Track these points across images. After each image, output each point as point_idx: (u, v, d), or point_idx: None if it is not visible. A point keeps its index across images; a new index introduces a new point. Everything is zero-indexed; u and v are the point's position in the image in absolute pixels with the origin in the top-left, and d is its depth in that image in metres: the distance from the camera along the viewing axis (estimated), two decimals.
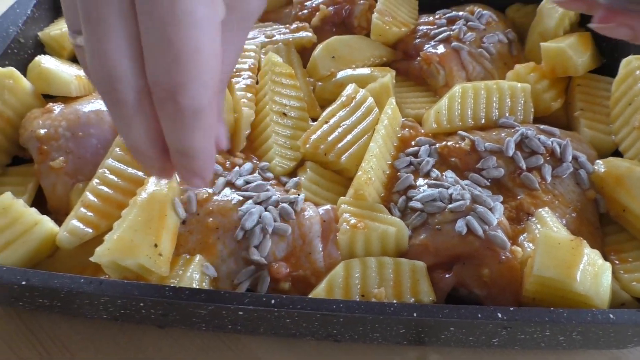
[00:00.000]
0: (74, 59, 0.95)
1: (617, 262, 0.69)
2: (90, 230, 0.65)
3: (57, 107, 0.77)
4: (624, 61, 0.82)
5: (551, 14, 0.95)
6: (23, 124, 0.77)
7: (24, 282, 0.55)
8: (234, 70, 0.86)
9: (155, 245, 0.61)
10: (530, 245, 0.66)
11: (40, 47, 0.93)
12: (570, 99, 0.89)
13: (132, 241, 0.60)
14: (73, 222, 0.65)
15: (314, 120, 0.85)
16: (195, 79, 0.41)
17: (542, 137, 0.77)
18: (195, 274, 0.63)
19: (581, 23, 0.97)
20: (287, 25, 0.97)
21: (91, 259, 0.59)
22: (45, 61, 0.83)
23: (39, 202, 0.75)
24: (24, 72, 0.86)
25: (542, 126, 0.80)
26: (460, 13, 0.98)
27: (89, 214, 0.66)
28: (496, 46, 0.95)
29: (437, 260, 0.65)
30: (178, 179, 0.71)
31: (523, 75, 0.87)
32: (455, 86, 0.83)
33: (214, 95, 0.44)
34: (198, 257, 0.64)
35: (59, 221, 0.71)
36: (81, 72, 0.88)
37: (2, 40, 0.85)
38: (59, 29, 0.92)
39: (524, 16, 1.04)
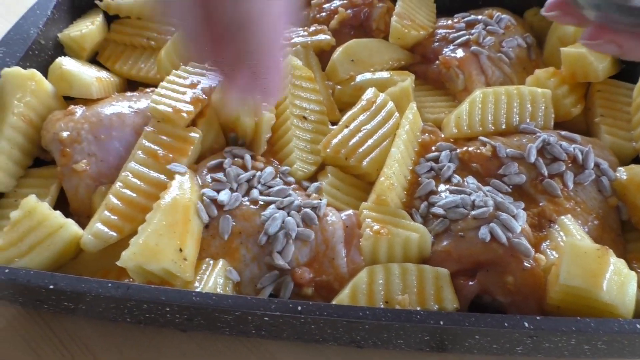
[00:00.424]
0: (93, 60, 0.96)
1: (639, 270, 0.69)
2: (115, 234, 0.66)
3: (78, 110, 0.77)
4: None
5: None
6: (45, 126, 0.77)
7: (51, 286, 0.56)
8: None
9: (180, 250, 0.61)
10: (554, 253, 0.66)
11: (60, 48, 0.93)
12: (590, 104, 0.89)
13: (157, 245, 0.61)
14: (97, 225, 0.66)
15: (333, 123, 0.85)
16: None
17: (564, 143, 0.76)
18: (219, 279, 0.63)
19: None
20: (305, 28, 0.97)
21: (117, 263, 0.59)
22: (66, 63, 0.83)
23: (61, 203, 0.76)
24: (44, 73, 0.86)
25: (563, 132, 0.80)
26: (479, 17, 0.97)
27: (113, 217, 0.67)
28: (515, 50, 0.94)
29: (460, 267, 0.65)
30: (200, 182, 0.72)
31: (543, 81, 0.87)
32: (476, 91, 0.83)
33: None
34: (221, 262, 0.64)
35: (80, 223, 0.71)
36: (101, 74, 0.89)
37: (23, 42, 0.85)
38: (79, 30, 0.92)
39: (542, 20, 1.03)
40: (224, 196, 0.68)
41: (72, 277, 0.57)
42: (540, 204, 0.72)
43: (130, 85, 0.95)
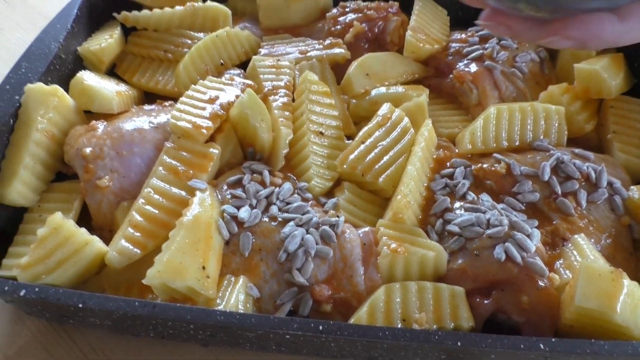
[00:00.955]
0: (111, 72, 0.98)
1: None
2: (138, 251, 0.67)
3: (100, 125, 0.78)
4: None
5: None
6: (67, 141, 0.79)
7: (80, 305, 0.57)
8: (271, 87, 0.87)
9: (203, 268, 0.63)
10: (567, 272, 0.67)
11: (80, 61, 0.95)
12: (602, 120, 0.90)
13: (181, 264, 0.62)
14: (122, 242, 0.67)
15: (349, 137, 0.87)
16: None
17: (578, 161, 0.78)
18: (240, 295, 0.64)
19: None
20: (321, 41, 0.98)
21: (143, 281, 0.61)
22: (87, 78, 0.85)
23: (83, 216, 0.77)
24: (65, 87, 0.88)
25: (576, 150, 0.81)
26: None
27: (137, 234, 0.68)
28: (528, 65, 0.95)
29: (475, 286, 0.66)
30: (220, 197, 0.73)
31: (556, 97, 0.88)
32: (490, 108, 0.84)
33: None
34: (242, 279, 0.66)
35: (103, 237, 0.73)
36: (120, 87, 0.90)
37: (44, 56, 0.86)
38: (98, 44, 0.93)
39: None
40: (244, 213, 0.70)
41: (101, 295, 0.59)
42: (554, 222, 0.73)
43: (148, 97, 0.97)
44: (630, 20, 0.52)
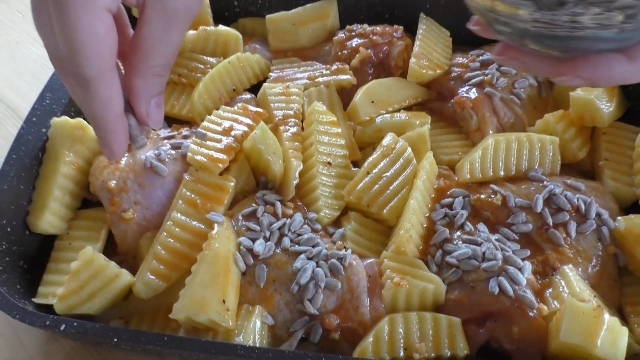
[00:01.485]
0: None
1: (632, 315, 0.76)
2: (163, 284, 0.74)
3: (124, 158, 0.84)
4: None
5: None
6: (92, 172, 0.84)
7: (115, 340, 0.64)
8: (282, 117, 0.92)
9: (223, 301, 0.69)
10: (555, 302, 0.73)
11: None
12: (595, 145, 0.95)
13: (203, 298, 0.69)
14: (148, 275, 0.73)
15: (354, 163, 0.92)
16: (78, 52, 0.53)
17: (569, 193, 0.83)
18: (257, 323, 0.71)
19: None
20: (328, 67, 1.02)
21: (170, 315, 0.68)
22: None
23: (109, 241, 0.84)
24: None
25: (568, 181, 0.86)
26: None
27: (161, 267, 0.74)
28: (526, 90, 1.00)
29: (471, 316, 0.73)
30: (235, 228, 0.79)
31: (552, 125, 0.93)
32: (489, 139, 0.89)
33: (104, 69, 0.56)
34: (258, 308, 0.73)
35: (127, 262, 0.80)
36: None
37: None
38: None
39: None
40: (259, 247, 0.76)
41: (133, 331, 0.66)
42: (546, 252, 0.79)
43: (164, 119, 1.01)
44: (639, 61, 0.56)
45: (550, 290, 0.76)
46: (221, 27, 1.05)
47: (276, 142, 0.87)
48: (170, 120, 1.00)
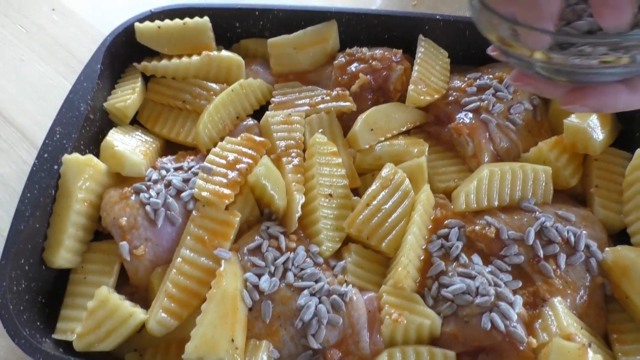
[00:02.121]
0: (133, 119, 1.05)
1: (617, 343, 0.81)
2: (175, 322, 0.78)
3: (133, 195, 0.87)
4: (638, 151, 0.91)
5: None
6: (103, 207, 0.88)
7: None
8: (284, 147, 0.95)
9: (232, 340, 0.74)
10: (544, 335, 0.78)
11: (106, 114, 1.02)
12: (587, 170, 0.98)
13: (213, 337, 0.73)
14: (160, 314, 0.78)
15: (354, 190, 0.96)
16: None
17: (559, 225, 0.87)
18: (264, 358, 0.76)
19: None
20: (328, 92, 1.05)
21: (183, 356, 0.72)
22: (116, 141, 0.93)
23: (121, 269, 0.88)
24: (95, 144, 0.97)
25: (559, 211, 0.90)
26: (490, 81, 1.05)
27: (172, 305, 0.79)
28: (522, 115, 1.02)
29: (464, 349, 0.77)
30: (241, 261, 0.83)
31: (545, 153, 0.96)
32: (484, 169, 0.92)
33: None
34: (264, 343, 0.77)
35: (139, 294, 0.85)
36: (145, 145, 0.98)
37: (76, 120, 0.94)
38: (123, 101, 1.00)
39: None
40: (264, 283, 0.80)
41: None
42: (536, 284, 0.83)
43: (169, 144, 1.05)
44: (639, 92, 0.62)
45: (539, 321, 0.80)
46: (224, 52, 1.07)
47: (279, 177, 0.90)
48: (175, 147, 1.03)
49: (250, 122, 1.03)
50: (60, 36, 1.31)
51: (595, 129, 0.95)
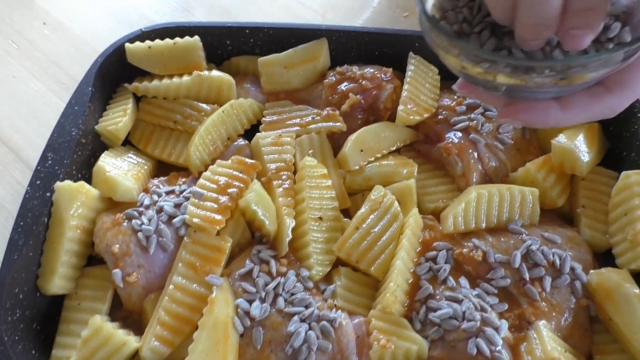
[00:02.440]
0: (124, 141, 1.06)
1: None
2: (168, 350, 0.80)
3: (125, 222, 0.88)
4: (623, 174, 0.92)
5: None
6: (96, 233, 0.89)
7: None
8: (274, 170, 0.97)
9: None
10: (529, 358, 0.80)
11: (97, 137, 1.03)
12: (574, 189, 1.00)
13: None
14: (153, 342, 0.79)
15: (344, 210, 0.97)
16: None
17: (545, 248, 0.88)
18: None
19: None
20: (319, 112, 1.05)
21: None
22: (108, 167, 0.94)
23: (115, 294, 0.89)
24: (87, 168, 0.97)
25: (546, 234, 0.91)
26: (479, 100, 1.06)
27: (165, 332, 0.80)
28: (510, 134, 1.03)
29: None
30: (232, 286, 0.85)
31: (533, 173, 0.97)
32: (472, 191, 0.93)
33: None
34: None
35: (132, 319, 0.86)
36: (137, 167, 0.99)
37: (67, 145, 0.95)
38: (114, 123, 1.01)
39: None
40: (255, 310, 0.82)
41: None
42: (522, 306, 0.85)
43: (162, 165, 1.06)
44: (571, 110, 0.65)
45: (525, 344, 0.82)
46: (214, 72, 1.08)
47: (270, 202, 0.91)
48: (168, 167, 1.04)
49: (241, 142, 1.04)
50: (52, 52, 1.31)
51: (582, 149, 0.96)
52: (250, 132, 1.07)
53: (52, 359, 0.83)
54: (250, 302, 0.83)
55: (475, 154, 1.01)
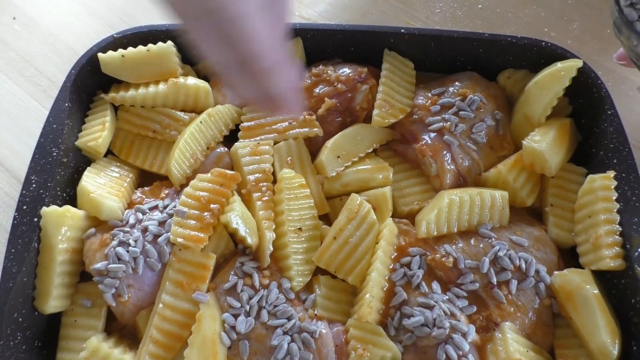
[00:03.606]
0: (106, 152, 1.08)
1: (560, 359, 0.91)
2: None
3: (113, 241, 0.92)
4: (589, 177, 0.96)
5: (537, 100, 1.05)
6: (85, 254, 0.93)
7: None
8: (254, 182, 1.00)
9: None
10: (493, 358, 0.87)
11: (78, 151, 1.05)
12: (544, 185, 1.04)
13: None
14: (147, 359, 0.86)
15: (324, 216, 1.01)
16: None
17: (512, 252, 0.93)
18: None
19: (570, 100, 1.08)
20: (296, 117, 1.07)
21: None
22: (92, 187, 0.97)
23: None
24: (72, 186, 1.00)
25: (513, 237, 0.96)
26: (453, 99, 1.07)
27: (158, 350, 0.86)
28: (482, 134, 1.06)
29: None
30: (218, 301, 0.90)
31: (504, 174, 1.01)
32: (444, 197, 0.97)
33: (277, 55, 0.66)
34: None
35: (127, 331, 0.93)
36: (121, 181, 1.02)
37: (49, 167, 0.97)
38: (94, 139, 1.02)
39: (514, 84, 1.13)
40: (241, 325, 0.88)
41: None
42: (490, 308, 0.91)
43: (144, 173, 1.08)
44: None
45: (491, 345, 0.89)
46: (190, 79, 1.08)
47: (250, 216, 0.95)
48: (151, 175, 1.07)
49: (221, 149, 1.06)
50: (26, 52, 1.29)
51: (551, 151, 0.99)
52: (230, 137, 1.08)
53: None
54: (236, 316, 0.89)
55: (449, 155, 1.04)
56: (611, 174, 0.94)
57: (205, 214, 0.94)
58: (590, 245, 0.93)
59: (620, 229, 0.91)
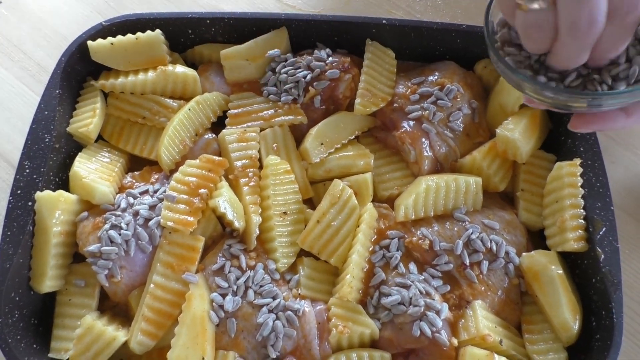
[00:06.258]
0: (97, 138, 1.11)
1: (526, 333, 0.98)
2: (153, 342, 0.91)
3: (106, 225, 0.96)
4: (557, 164, 1.02)
5: (511, 89, 1.10)
6: (79, 236, 0.97)
7: None
8: (241, 167, 1.04)
9: (203, 358, 0.88)
10: (465, 334, 0.94)
11: (70, 137, 1.08)
12: (516, 172, 1.10)
13: (187, 358, 0.87)
14: (139, 336, 0.91)
15: (308, 200, 1.06)
16: None
17: (484, 235, 1.00)
18: None
19: None
20: (281, 104, 1.11)
21: None
22: (84, 172, 1.00)
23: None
24: (64, 170, 1.04)
25: (486, 220, 1.02)
26: (432, 88, 1.12)
27: (149, 327, 0.91)
28: (459, 121, 1.11)
29: (398, 351, 0.93)
30: (207, 281, 0.95)
31: (479, 161, 1.06)
32: (422, 183, 1.02)
33: None
34: (231, 353, 0.92)
35: (119, 309, 0.98)
36: (112, 166, 1.05)
37: (42, 153, 1.00)
38: (85, 125, 1.06)
39: (490, 73, 1.18)
40: (228, 304, 0.93)
41: None
42: (462, 287, 0.98)
43: (135, 157, 1.12)
44: (634, 116, 0.77)
45: (462, 321, 0.96)
46: (179, 68, 1.11)
47: (237, 201, 1.00)
48: (141, 160, 1.10)
49: (209, 136, 1.10)
50: (14, 36, 1.30)
51: (523, 139, 1.05)
52: (217, 123, 1.12)
53: (52, 350, 0.94)
54: (224, 295, 0.95)
55: (427, 143, 1.09)
56: (577, 161, 1.00)
57: (195, 198, 0.98)
58: (556, 228, 1.00)
59: (584, 213, 0.98)
